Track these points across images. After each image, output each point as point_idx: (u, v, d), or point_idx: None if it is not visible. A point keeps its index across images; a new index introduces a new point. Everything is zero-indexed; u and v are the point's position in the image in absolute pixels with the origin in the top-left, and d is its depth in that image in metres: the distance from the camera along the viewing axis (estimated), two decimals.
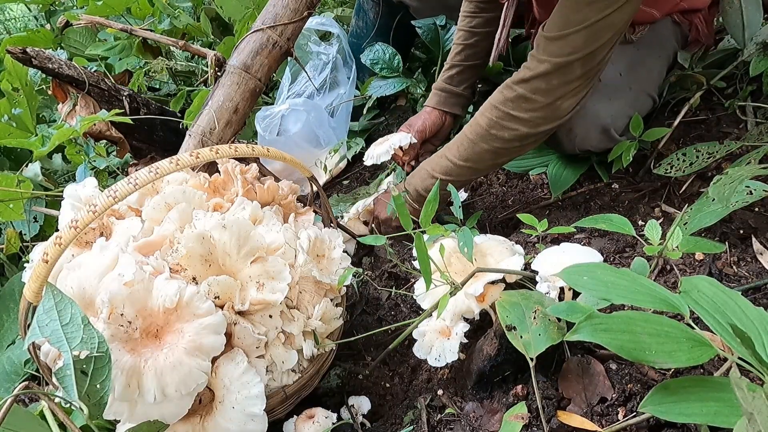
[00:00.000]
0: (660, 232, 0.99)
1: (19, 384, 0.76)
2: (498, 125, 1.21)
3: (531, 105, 1.17)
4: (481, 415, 0.98)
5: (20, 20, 3.70)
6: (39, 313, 0.76)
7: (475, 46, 1.56)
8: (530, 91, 1.16)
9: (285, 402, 1.03)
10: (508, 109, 1.19)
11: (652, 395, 0.71)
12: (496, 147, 1.24)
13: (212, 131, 1.28)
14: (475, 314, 1.02)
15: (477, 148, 1.26)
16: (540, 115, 1.18)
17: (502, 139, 1.23)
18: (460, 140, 1.29)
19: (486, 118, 1.23)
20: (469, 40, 1.56)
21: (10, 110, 1.70)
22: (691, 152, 1.25)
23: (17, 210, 1.47)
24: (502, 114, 1.20)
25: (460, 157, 1.29)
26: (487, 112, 1.23)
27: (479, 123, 1.24)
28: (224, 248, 0.95)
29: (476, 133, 1.25)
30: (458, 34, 1.58)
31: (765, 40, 1.31)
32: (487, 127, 1.23)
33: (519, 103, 1.18)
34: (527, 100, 1.17)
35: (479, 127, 1.24)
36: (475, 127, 1.25)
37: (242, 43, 1.34)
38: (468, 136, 1.27)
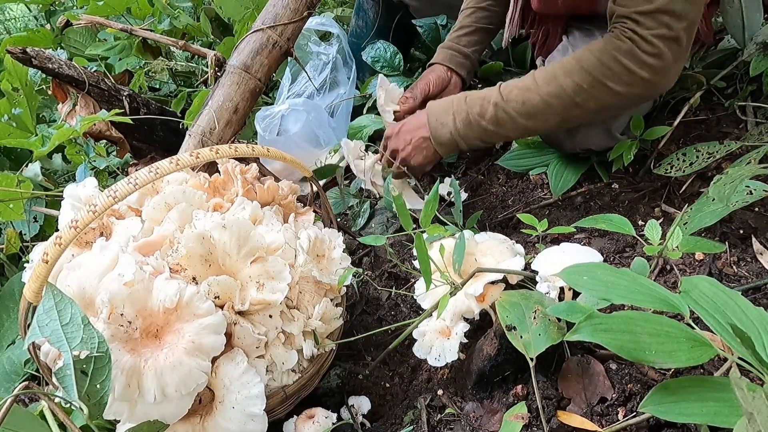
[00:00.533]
0: (660, 232, 0.99)
1: (19, 384, 0.76)
2: (586, 93, 1.09)
3: (633, 79, 1.06)
4: (481, 415, 0.98)
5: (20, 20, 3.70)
6: (39, 313, 0.76)
7: (487, 10, 1.50)
8: (638, 65, 1.04)
9: (285, 402, 1.03)
10: (605, 79, 1.07)
11: (652, 395, 0.71)
12: (571, 114, 1.13)
13: (212, 131, 1.28)
14: (475, 314, 1.02)
15: (548, 110, 1.13)
16: (637, 91, 1.08)
17: (582, 109, 1.11)
18: (528, 94, 1.14)
19: (573, 83, 1.09)
20: (481, 4, 1.50)
21: (10, 110, 1.70)
22: (691, 152, 1.25)
23: (17, 210, 1.47)
24: (595, 82, 1.08)
25: (523, 114, 1.15)
26: (576, 75, 1.09)
27: (562, 85, 1.10)
28: (224, 248, 0.95)
29: (555, 94, 1.12)
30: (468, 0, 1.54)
31: (765, 40, 1.31)
32: (572, 93, 1.10)
33: (620, 76, 1.06)
34: (631, 74, 1.05)
35: (561, 90, 1.11)
36: (555, 88, 1.11)
37: (242, 43, 1.34)
38: (542, 95, 1.13)
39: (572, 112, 1.13)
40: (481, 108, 1.19)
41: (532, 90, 1.14)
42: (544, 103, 1.13)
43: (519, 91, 1.15)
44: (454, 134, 1.22)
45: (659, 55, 1.03)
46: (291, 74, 1.98)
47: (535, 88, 1.13)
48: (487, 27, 1.51)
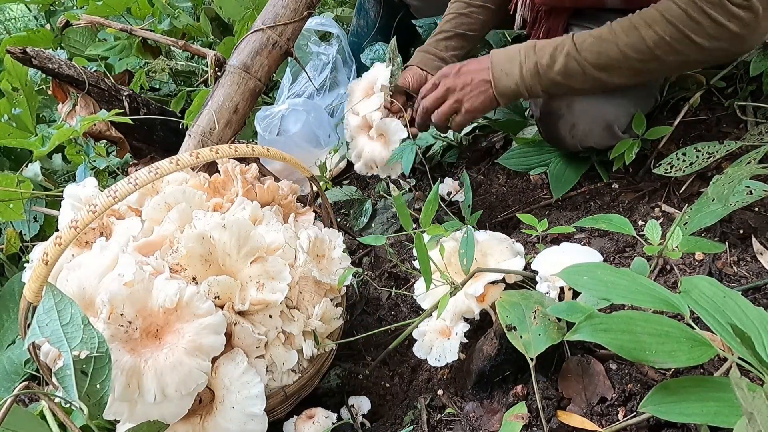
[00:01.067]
0: (660, 232, 0.99)
1: (19, 384, 0.76)
2: (667, 47, 1.04)
3: (721, 33, 1.01)
4: (481, 415, 0.98)
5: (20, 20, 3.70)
6: (39, 313, 0.76)
7: (468, 17, 1.48)
8: (727, 17, 0.99)
9: (285, 402, 1.03)
10: (690, 31, 1.02)
11: (652, 395, 0.71)
12: (648, 68, 1.08)
13: (212, 131, 1.28)
14: (475, 314, 1.02)
15: (625, 63, 1.09)
16: (724, 46, 1.03)
17: (661, 62, 1.06)
18: (604, 44, 1.09)
19: (655, 35, 1.04)
20: (462, 11, 1.49)
21: (10, 110, 1.71)
22: (691, 152, 1.25)
23: (17, 210, 1.47)
24: (679, 36, 1.03)
25: (597, 66, 1.10)
26: (659, 25, 1.04)
27: (643, 37, 1.05)
28: (224, 248, 0.95)
29: (634, 46, 1.07)
30: (452, 6, 1.52)
31: (765, 40, 1.31)
32: (653, 45, 1.05)
33: (707, 29, 1.01)
34: (720, 27, 1.00)
35: (642, 42, 1.06)
36: (635, 39, 1.06)
37: (242, 43, 1.34)
38: (619, 46, 1.08)
39: (650, 66, 1.08)
40: (551, 58, 1.14)
41: (609, 40, 1.09)
42: (622, 55, 1.08)
43: (594, 40, 1.10)
44: (519, 84, 1.18)
45: (749, 7, 0.98)
46: (291, 74, 1.98)
47: (613, 38, 1.08)
48: (467, 33, 1.50)
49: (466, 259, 0.96)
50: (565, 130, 1.32)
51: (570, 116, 1.29)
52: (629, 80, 1.15)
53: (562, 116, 1.31)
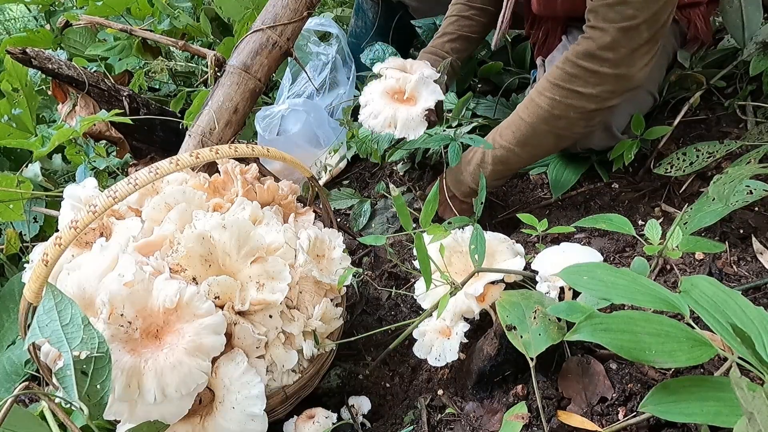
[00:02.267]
0: (660, 231, 0.99)
1: (20, 384, 0.76)
2: (562, 105, 1.14)
3: (599, 79, 1.10)
4: (482, 415, 0.98)
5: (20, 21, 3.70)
6: (39, 314, 0.76)
7: (471, 19, 1.52)
8: (597, 63, 1.09)
9: (285, 402, 1.03)
10: (573, 86, 1.12)
11: (653, 395, 0.71)
12: (559, 128, 1.17)
13: (212, 131, 1.28)
14: (475, 314, 1.02)
15: (538, 131, 1.18)
16: (609, 88, 1.11)
17: (566, 119, 1.15)
18: (514, 125, 1.20)
19: (547, 99, 1.15)
20: (464, 13, 1.52)
21: (10, 111, 1.70)
22: (691, 152, 1.25)
23: (17, 210, 1.47)
24: (566, 92, 1.13)
25: (517, 143, 1.21)
26: (546, 92, 1.15)
27: (539, 104, 1.16)
28: (224, 248, 0.95)
29: (536, 115, 1.17)
30: (453, 8, 1.55)
31: (765, 39, 1.31)
32: (549, 108, 1.15)
33: (585, 79, 1.10)
34: (595, 74, 1.09)
35: (539, 109, 1.16)
36: (533, 109, 1.17)
37: (242, 43, 1.34)
38: (525, 120, 1.18)
39: (558, 125, 1.17)
40: (483, 154, 1.27)
41: (517, 119, 1.21)
42: (530, 127, 1.19)
43: (507, 125, 1.23)
44: (472, 183, 1.31)
45: (614, 47, 1.06)
46: (291, 74, 1.98)
47: (520, 116, 1.20)
48: (469, 35, 1.53)
49: (478, 254, 0.96)
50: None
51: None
52: (555, 144, 1.24)
53: None
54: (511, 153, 1.23)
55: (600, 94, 1.12)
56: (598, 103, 1.14)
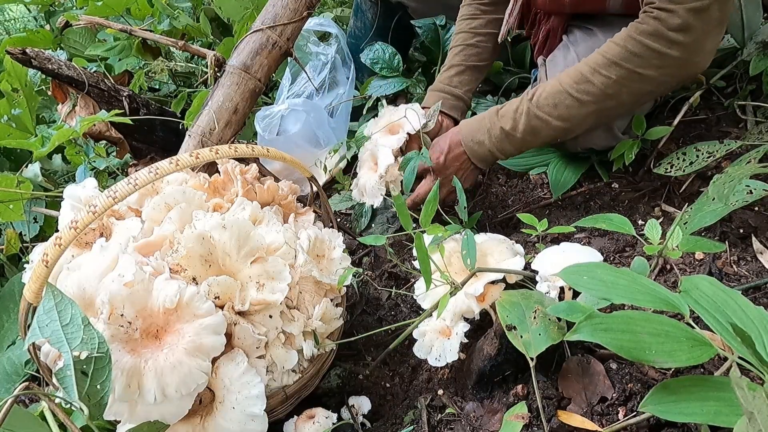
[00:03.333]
0: (660, 231, 0.99)
1: (20, 384, 0.76)
2: (616, 85, 1.06)
3: (664, 61, 1.02)
4: (482, 415, 0.98)
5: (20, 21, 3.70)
6: (39, 314, 0.76)
7: (477, 47, 1.48)
8: (666, 45, 1.00)
9: (285, 402, 1.03)
10: (634, 66, 1.04)
11: (653, 395, 0.71)
12: (605, 109, 1.11)
13: (212, 131, 1.28)
14: (475, 314, 1.02)
15: (583, 110, 1.11)
16: (672, 72, 1.04)
17: (617, 101, 1.09)
18: (558, 98, 1.12)
19: (602, 77, 1.06)
20: (469, 41, 1.48)
21: (10, 111, 1.70)
22: (691, 151, 1.25)
23: (17, 211, 1.47)
24: (625, 72, 1.04)
25: (558, 117, 1.13)
26: (602, 69, 1.06)
27: (592, 82, 1.07)
28: (224, 248, 0.95)
29: (586, 92, 1.09)
30: (457, 37, 1.52)
31: (764, 39, 1.31)
32: (603, 87, 1.07)
33: (649, 60, 1.02)
34: (661, 55, 1.02)
35: (590, 86, 1.08)
36: (584, 86, 1.09)
37: (242, 43, 1.34)
38: (572, 95, 1.10)
39: (607, 105, 1.10)
40: (514, 121, 1.18)
41: (564, 92, 1.12)
42: (577, 102, 1.11)
43: (548, 95, 1.14)
44: (493, 150, 1.23)
45: (687, 29, 0.99)
46: (291, 74, 1.98)
47: (566, 89, 1.12)
48: (477, 65, 1.48)
49: (470, 259, 0.96)
50: None
51: None
52: (594, 123, 1.17)
53: None
54: (546, 125, 1.15)
55: (660, 77, 1.04)
56: (655, 87, 1.07)
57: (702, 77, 1.41)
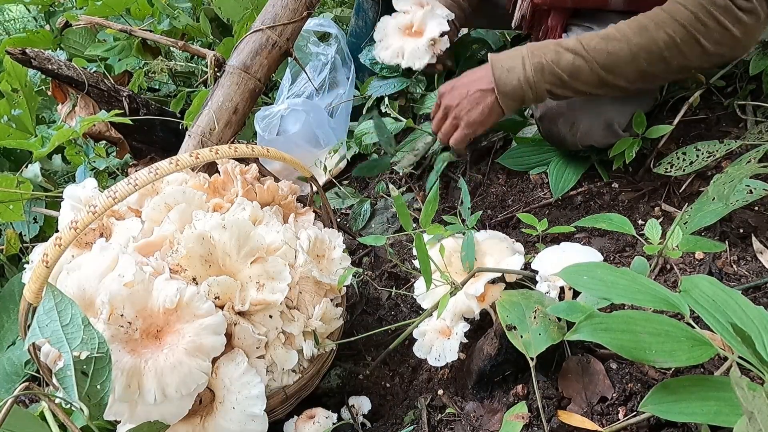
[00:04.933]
0: (660, 231, 0.99)
1: (20, 385, 0.76)
2: (676, 49, 1.05)
3: (724, 37, 1.02)
4: (482, 415, 0.98)
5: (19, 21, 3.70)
6: (39, 314, 0.76)
7: None
8: (731, 21, 1.01)
9: (285, 402, 1.03)
10: (698, 34, 1.03)
11: (653, 394, 0.71)
12: (653, 71, 1.09)
13: (212, 132, 1.28)
14: (475, 314, 1.02)
15: (633, 64, 1.08)
16: (725, 51, 1.05)
17: (667, 65, 1.07)
18: (613, 45, 1.08)
19: (666, 35, 1.04)
20: None
21: (10, 111, 1.70)
22: (691, 151, 1.25)
23: (17, 211, 1.47)
24: (688, 37, 1.03)
25: (604, 65, 1.09)
26: (668, 27, 1.03)
27: (654, 38, 1.04)
28: (224, 249, 0.95)
29: (645, 47, 1.06)
30: None
31: (764, 39, 1.31)
32: (663, 47, 1.05)
33: (713, 32, 1.02)
34: (724, 30, 1.01)
35: (652, 42, 1.05)
36: (646, 41, 1.05)
37: (242, 43, 1.34)
38: (630, 47, 1.07)
39: (655, 69, 1.08)
40: (557, 54, 1.11)
41: (619, 40, 1.07)
42: (632, 55, 1.07)
43: (602, 40, 1.08)
44: (523, 81, 1.14)
45: (753, 12, 1.00)
46: (291, 74, 1.98)
47: (623, 38, 1.07)
48: None
49: (468, 261, 0.96)
50: (565, 128, 1.32)
51: (570, 114, 1.30)
52: (633, 82, 1.13)
53: (563, 114, 1.31)
54: (588, 70, 1.10)
55: (713, 53, 1.04)
56: (703, 62, 1.06)
57: (702, 77, 1.41)
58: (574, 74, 1.11)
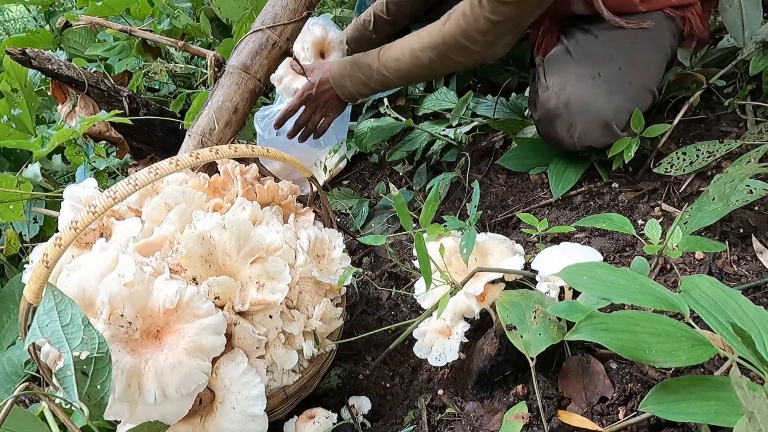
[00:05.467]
0: (660, 231, 0.99)
1: (20, 385, 0.76)
2: (436, 63, 1.39)
3: (468, 52, 1.34)
4: (482, 415, 0.98)
5: (19, 21, 3.70)
6: (39, 314, 0.76)
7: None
8: (471, 42, 1.31)
9: (285, 402, 1.03)
10: (449, 52, 1.35)
11: (653, 394, 0.71)
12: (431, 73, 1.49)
13: (212, 132, 1.28)
14: (475, 314, 1.02)
15: (415, 72, 1.44)
16: (475, 59, 1.39)
17: (438, 68, 1.45)
18: (398, 64, 1.42)
19: (427, 57, 1.38)
20: None
21: (10, 111, 1.70)
22: (691, 151, 1.25)
23: (17, 211, 1.47)
24: (442, 56, 1.36)
25: (399, 77, 1.45)
26: (428, 51, 1.37)
27: (419, 58, 1.39)
28: (224, 249, 0.95)
29: (417, 65, 1.41)
30: None
31: (764, 38, 1.31)
32: (428, 62, 1.39)
33: (460, 51, 1.34)
34: (466, 49, 1.33)
35: (418, 60, 1.39)
36: (414, 59, 1.40)
37: (241, 43, 1.34)
38: (407, 63, 1.41)
39: (432, 71, 1.46)
40: (367, 75, 1.48)
41: (401, 60, 1.42)
42: (410, 70, 1.43)
43: (393, 62, 1.44)
44: (353, 91, 1.51)
45: (485, 33, 1.28)
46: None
47: (403, 58, 1.42)
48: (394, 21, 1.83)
49: (467, 249, 0.96)
50: (563, 130, 1.32)
51: (567, 116, 1.30)
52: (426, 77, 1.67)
53: (560, 116, 1.31)
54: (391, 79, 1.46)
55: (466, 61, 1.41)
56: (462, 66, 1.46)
57: (702, 77, 1.41)
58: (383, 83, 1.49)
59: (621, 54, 1.33)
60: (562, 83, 1.31)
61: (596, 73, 1.30)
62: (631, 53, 1.34)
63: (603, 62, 1.31)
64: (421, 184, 1.67)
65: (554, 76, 1.33)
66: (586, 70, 1.31)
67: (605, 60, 1.32)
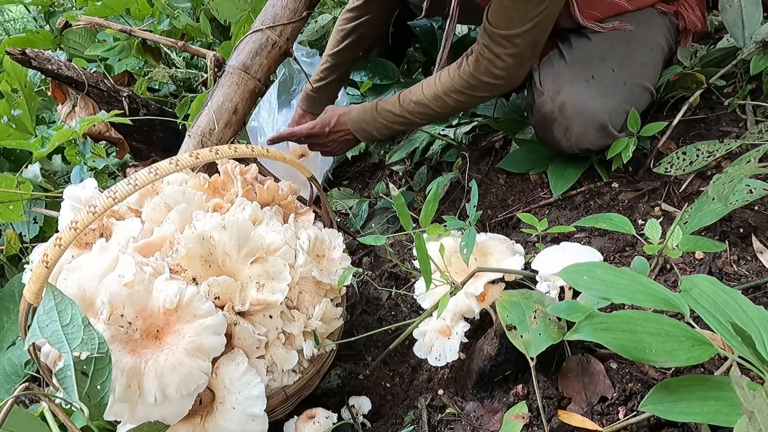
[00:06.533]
0: (660, 231, 0.99)
1: (20, 385, 0.76)
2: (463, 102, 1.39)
3: (491, 87, 1.34)
4: (482, 415, 0.98)
5: (19, 21, 3.70)
6: (39, 314, 0.76)
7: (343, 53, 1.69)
8: (493, 78, 1.31)
9: (285, 402, 1.03)
10: (474, 92, 1.35)
11: (653, 394, 0.71)
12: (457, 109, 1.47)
13: (212, 132, 1.28)
14: (475, 314, 1.02)
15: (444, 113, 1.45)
16: (498, 91, 1.39)
17: (465, 106, 1.44)
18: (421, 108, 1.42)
19: (452, 100, 1.38)
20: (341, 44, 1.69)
21: (10, 111, 1.70)
22: (690, 151, 1.25)
23: (17, 211, 1.47)
24: (468, 96, 1.37)
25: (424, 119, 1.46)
26: (454, 93, 1.37)
27: (445, 101, 1.38)
28: (224, 249, 0.95)
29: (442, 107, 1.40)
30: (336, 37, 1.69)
31: (764, 38, 1.31)
32: (454, 104, 1.39)
33: (483, 88, 1.35)
34: (490, 84, 1.33)
35: (445, 103, 1.39)
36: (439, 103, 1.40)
37: (241, 43, 1.34)
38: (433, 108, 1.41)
39: (459, 109, 1.49)
40: (390, 120, 1.47)
41: (425, 104, 1.42)
42: (436, 112, 1.43)
43: (416, 105, 1.43)
44: (376, 135, 1.51)
45: (506, 68, 1.29)
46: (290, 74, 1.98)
47: (427, 102, 1.41)
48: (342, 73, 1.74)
49: (467, 249, 0.96)
50: (559, 133, 1.32)
51: (563, 119, 1.30)
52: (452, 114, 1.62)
53: (555, 120, 1.31)
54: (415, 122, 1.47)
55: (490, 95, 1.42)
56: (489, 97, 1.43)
57: (702, 77, 1.41)
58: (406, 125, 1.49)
59: (615, 55, 1.32)
60: (556, 87, 1.31)
61: (590, 76, 1.30)
62: (625, 53, 1.33)
63: (596, 64, 1.31)
64: (421, 184, 1.67)
65: (549, 80, 1.33)
66: (580, 74, 1.31)
67: (599, 62, 1.32)
